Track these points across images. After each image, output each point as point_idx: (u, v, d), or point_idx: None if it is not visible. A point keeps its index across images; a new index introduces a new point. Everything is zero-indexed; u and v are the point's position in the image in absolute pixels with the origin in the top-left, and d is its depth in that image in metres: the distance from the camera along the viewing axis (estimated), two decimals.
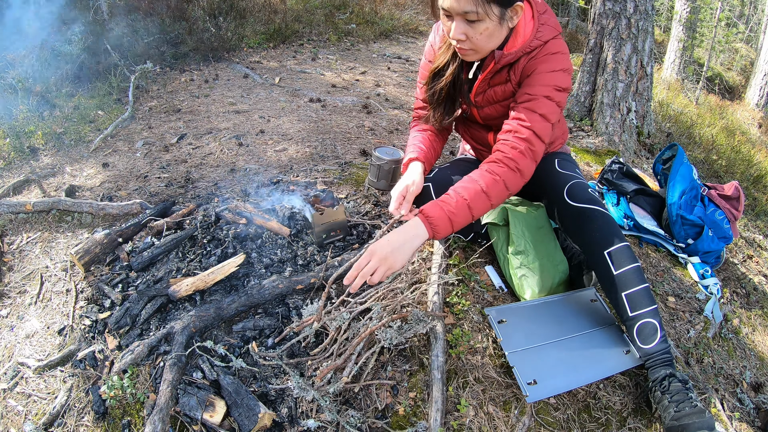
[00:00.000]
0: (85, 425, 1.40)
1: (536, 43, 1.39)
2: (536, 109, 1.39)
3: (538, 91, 1.39)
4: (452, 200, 1.33)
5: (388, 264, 1.24)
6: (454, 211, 1.31)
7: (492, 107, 1.57)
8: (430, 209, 1.32)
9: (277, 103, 3.69)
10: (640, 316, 1.43)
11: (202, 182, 2.53)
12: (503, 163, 1.38)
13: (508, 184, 1.37)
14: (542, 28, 1.39)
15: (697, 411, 1.27)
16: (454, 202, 1.33)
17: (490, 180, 1.35)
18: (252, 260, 1.77)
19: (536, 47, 1.39)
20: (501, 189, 1.37)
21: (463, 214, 1.33)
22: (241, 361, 1.40)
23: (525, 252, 1.71)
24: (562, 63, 1.41)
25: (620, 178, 2.41)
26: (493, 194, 1.36)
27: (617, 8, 3.27)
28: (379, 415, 1.33)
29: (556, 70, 1.40)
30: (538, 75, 1.40)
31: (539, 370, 1.42)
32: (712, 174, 3.85)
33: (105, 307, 1.69)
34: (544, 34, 1.39)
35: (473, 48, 1.36)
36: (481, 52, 1.39)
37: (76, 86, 3.85)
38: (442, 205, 1.32)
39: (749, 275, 2.41)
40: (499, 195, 1.37)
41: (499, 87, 1.51)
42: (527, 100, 1.40)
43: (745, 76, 8.88)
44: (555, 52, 1.40)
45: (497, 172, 1.36)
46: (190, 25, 4.92)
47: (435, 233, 1.31)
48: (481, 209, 1.36)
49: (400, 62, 5.23)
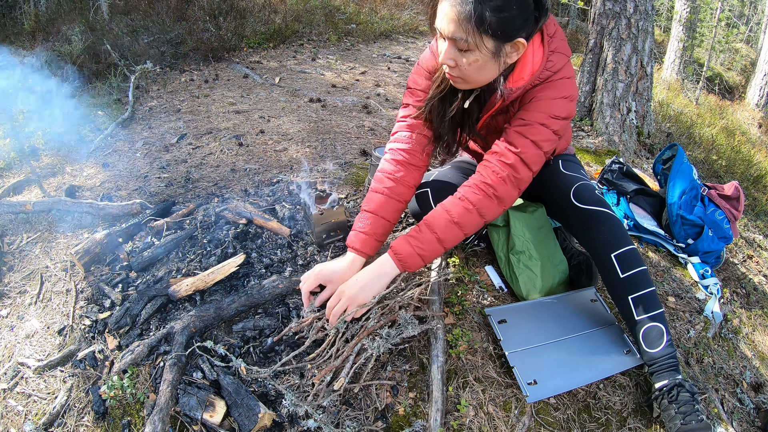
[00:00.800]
0: (85, 425, 1.40)
1: (546, 74, 1.28)
2: (528, 135, 1.30)
3: (534, 117, 1.30)
4: (422, 236, 1.32)
5: (357, 302, 1.32)
6: (423, 247, 1.32)
7: (493, 137, 1.48)
8: (399, 246, 1.33)
9: (277, 103, 3.69)
10: (646, 320, 1.41)
11: (202, 182, 2.53)
12: (480, 189, 1.32)
13: (483, 212, 1.32)
14: (552, 57, 1.28)
15: (704, 426, 1.26)
16: (424, 239, 1.32)
17: (462, 210, 1.31)
18: (252, 260, 1.77)
19: (546, 79, 1.28)
20: (474, 219, 1.32)
21: (433, 249, 1.33)
22: (241, 361, 1.40)
23: (525, 252, 1.71)
24: (566, 89, 1.31)
25: (620, 178, 2.41)
26: (466, 224, 1.32)
27: (617, 8, 3.27)
28: (379, 416, 1.33)
29: (557, 98, 1.30)
30: (538, 102, 1.31)
31: (539, 370, 1.42)
32: (712, 174, 3.85)
33: (105, 307, 1.69)
34: (555, 63, 1.28)
35: (461, 77, 1.26)
36: (470, 83, 1.29)
37: (76, 86, 3.85)
38: (411, 242, 1.32)
39: (749, 275, 2.41)
40: (472, 225, 1.33)
41: (501, 117, 1.44)
42: (520, 125, 1.32)
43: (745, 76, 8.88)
44: (560, 77, 1.30)
45: (471, 200, 1.31)
46: (190, 25, 4.92)
47: (405, 268, 1.34)
48: (454, 240, 1.34)
49: (400, 62, 5.23)
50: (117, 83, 3.88)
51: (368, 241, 1.48)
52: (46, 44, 4.01)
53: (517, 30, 1.17)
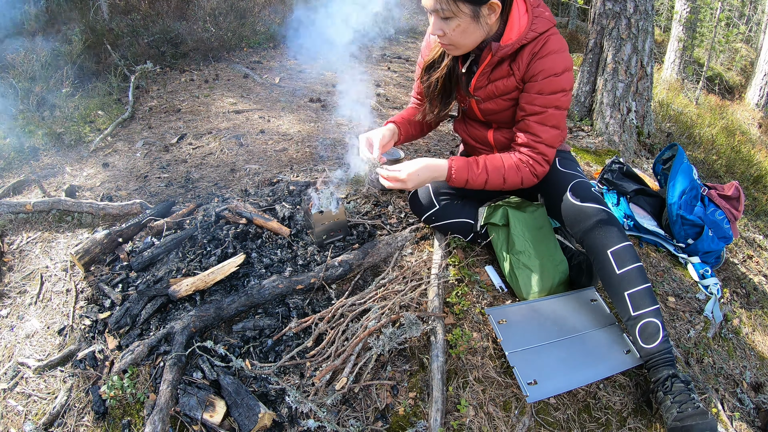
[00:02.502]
0: (85, 425, 1.40)
1: (532, 34, 1.44)
2: (546, 122, 1.52)
3: (548, 102, 1.49)
4: (477, 169, 1.56)
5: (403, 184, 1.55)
6: (473, 178, 1.56)
7: (493, 101, 1.61)
8: (458, 165, 1.56)
9: (277, 103, 3.69)
10: (642, 315, 1.43)
11: (202, 182, 2.53)
12: (527, 165, 1.57)
13: (524, 182, 1.59)
14: (536, 21, 1.44)
15: (700, 412, 1.27)
16: (477, 172, 1.56)
17: (514, 172, 1.56)
18: (252, 260, 1.77)
19: (533, 39, 1.44)
20: (516, 183, 1.59)
21: (477, 184, 1.58)
22: (241, 361, 1.40)
23: (525, 252, 1.71)
24: (564, 62, 1.47)
25: (620, 178, 2.41)
26: (509, 183, 1.58)
27: (617, 8, 3.26)
28: (379, 416, 1.33)
29: (559, 73, 1.46)
30: (546, 82, 1.47)
31: (539, 370, 1.42)
32: (712, 174, 3.85)
33: (105, 307, 1.69)
34: (539, 25, 1.44)
35: (451, 43, 1.44)
36: (460, 47, 1.46)
37: (76, 86, 3.85)
38: (468, 167, 1.56)
39: (749, 275, 2.41)
40: (512, 186, 1.60)
41: (500, 81, 1.55)
42: (537, 113, 1.51)
43: (745, 76, 8.88)
44: (557, 50, 1.45)
45: (521, 170, 1.57)
46: (190, 25, 4.92)
47: (450, 181, 1.58)
48: (494, 187, 1.60)
49: (400, 62, 5.23)
50: (117, 83, 3.88)
51: (403, 125, 1.80)
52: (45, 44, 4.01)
53: None
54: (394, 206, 2.16)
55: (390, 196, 2.25)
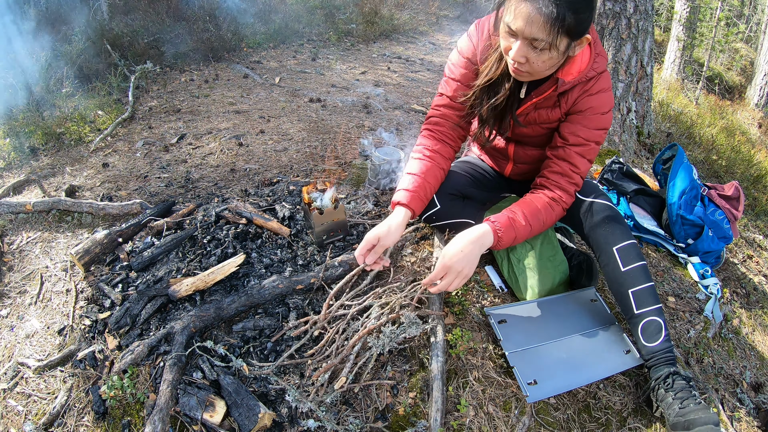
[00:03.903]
0: (85, 425, 1.40)
1: (592, 73, 1.40)
2: (587, 155, 1.49)
3: (591, 136, 1.46)
4: (521, 224, 1.44)
5: (464, 275, 1.36)
6: (519, 236, 1.45)
7: (531, 128, 1.56)
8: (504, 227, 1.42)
9: (277, 103, 3.69)
10: (645, 313, 1.44)
11: (202, 182, 2.53)
12: (558, 203, 1.51)
13: (556, 218, 1.54)
14: (598, 59, 1.40)
15: (702, 407, 1.28)
16: (522, 228, 1.45)
17: (549, 212, 1.50)
18: (252, 260, 1.77)
19: (591, 77, 1.41)
20: (551, 221, 1.53)
21: (522, 237, 1.47)
22: (241, 361, 1.40)
23: (525, 252, 1.71)
24: (610, 102, 1.46)
25: (620, 178, 2.41)
26: (546, 224, 1.52)
27: (617, 8, 3.26)
28: (379, 415, 1.33)
29: (605, 112, 1.45)
30: (593, 118, 1.45)
31: (539, 370, 1.42)
32: (712, 174, 3.85)
33: (105, 307, 1.69)
34: (600, 65, 1.40)
35: (530, 72, 1.32)
36: (536, 76, 1.35)
37: (76, 86, 3.85)
38: (513, 227, 1.43)
39: (749, 275, 2.41)
40: (549, 225, 1.55)
41: (545, 111, 1.50)
42: (580, 144, 1.47)
43: (745, 76, 8.88)
44: (606, 88, 1.44)
45: (555, 209, 1.51)
46: (190, 25, 4.92)
47: (498, 245, 1.43)
48: (536, 234, 1.53)
49: (400, 62, 5.24)
50: (117, 83, 3.88)
51: (416, 198, 1.53)
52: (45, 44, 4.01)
53: (586, 28, 1.25)
54: None
55: (390, 196, 2.26)
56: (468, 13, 7.70)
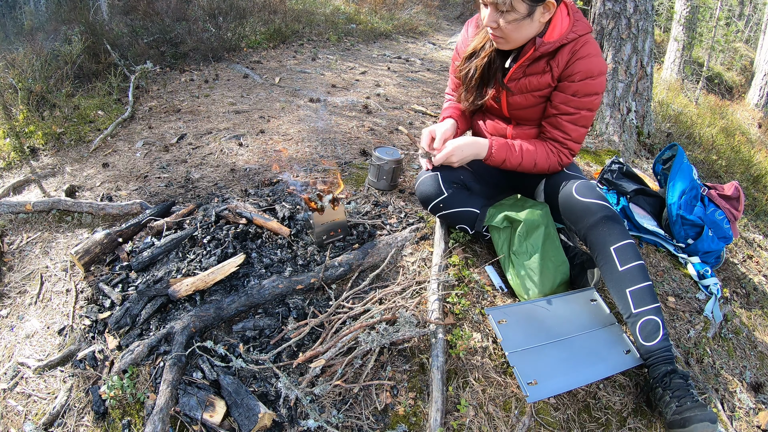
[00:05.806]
0: (85, 425, 1.40)
1: (573, 35, 1.52)
2: (578, 122, 1.62)
3: (581, 104, 1.58)
4: (514, 151, 1.67)
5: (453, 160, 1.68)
6: (509, 158, 1.68)
7: (524, 96, 1.67)
8: (498, 145, 1.68)
9: (277, 103, 3.69)
10: (643, 313, 1.44)
11: (202, 182, 2.53)
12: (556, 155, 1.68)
13: (550, 169, 1.71)
14: (577, 23, 1.54)
15: (699, 405, 1.28)
16: (514, 154, 1.67)
17: (544, 159, 1.68)
18: (252, 260, 1.77)
19: (573, 39, 1.53)
20: (544, 168, 1.70)
21: (512, 165, 1.70)
22: (241, 361, 1.40)
23: (525, 252, 1.71)
24: (600, 66, 1.55)
25: (620, 178, 2.41)
26: (538, 168, 1.70)
27: (617, 8, 3.26)
28: (379, 416, 1.33)
29: (595, 76, 1.55)
30: (582, 84, 1.55)
31: (539, 370, 1.42)
32: (712, 174, 3.85)
33: (105, 307, 1.69)
34: (579, 28, 1.54)
35: (503, 36, 1.51)
36: (510, 41, 1.54)
37: (76, 86, 3.84)
38: (507, 148, 1.68)
39: (749, 275, 2.41)
40: (541, 170, 1.72)
41: (535, 77, 1.61)
42: (570, 113, 1.61)
43: (745, 76, 8.88)
44: (595, 53, 1.54)
45: (551, 158, 1.68)
46: (190, 25, 4.92)
47: (489, 159, 1.70)
48: (525, 170, 1.72)
49: (400, 62, 5.23)
50: (117, 83, 3.88)
51: (461, 118, 1.89)
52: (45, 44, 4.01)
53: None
54: (394, 206, 2.16)
55: (390, 197, 2.26)
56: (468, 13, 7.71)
